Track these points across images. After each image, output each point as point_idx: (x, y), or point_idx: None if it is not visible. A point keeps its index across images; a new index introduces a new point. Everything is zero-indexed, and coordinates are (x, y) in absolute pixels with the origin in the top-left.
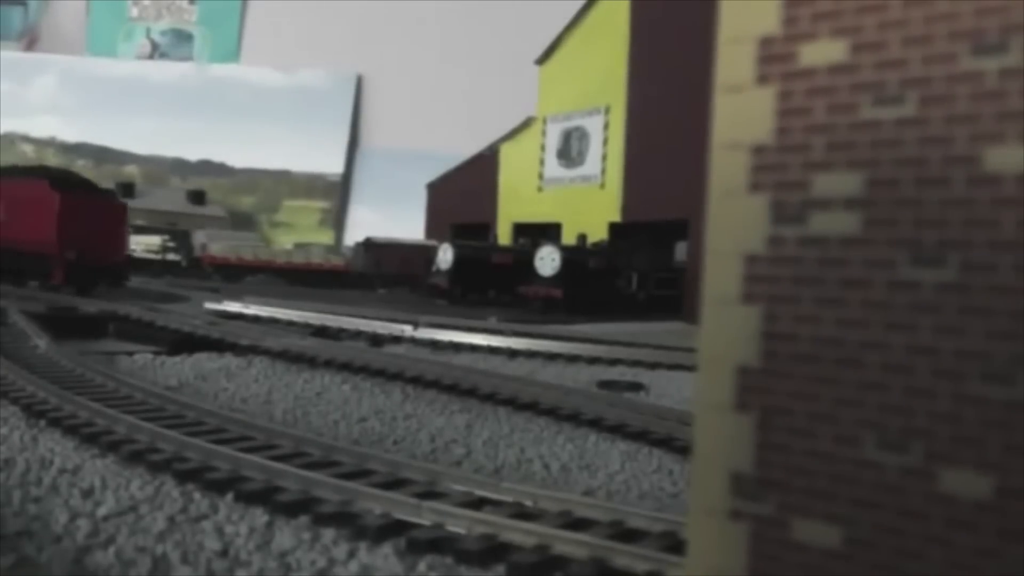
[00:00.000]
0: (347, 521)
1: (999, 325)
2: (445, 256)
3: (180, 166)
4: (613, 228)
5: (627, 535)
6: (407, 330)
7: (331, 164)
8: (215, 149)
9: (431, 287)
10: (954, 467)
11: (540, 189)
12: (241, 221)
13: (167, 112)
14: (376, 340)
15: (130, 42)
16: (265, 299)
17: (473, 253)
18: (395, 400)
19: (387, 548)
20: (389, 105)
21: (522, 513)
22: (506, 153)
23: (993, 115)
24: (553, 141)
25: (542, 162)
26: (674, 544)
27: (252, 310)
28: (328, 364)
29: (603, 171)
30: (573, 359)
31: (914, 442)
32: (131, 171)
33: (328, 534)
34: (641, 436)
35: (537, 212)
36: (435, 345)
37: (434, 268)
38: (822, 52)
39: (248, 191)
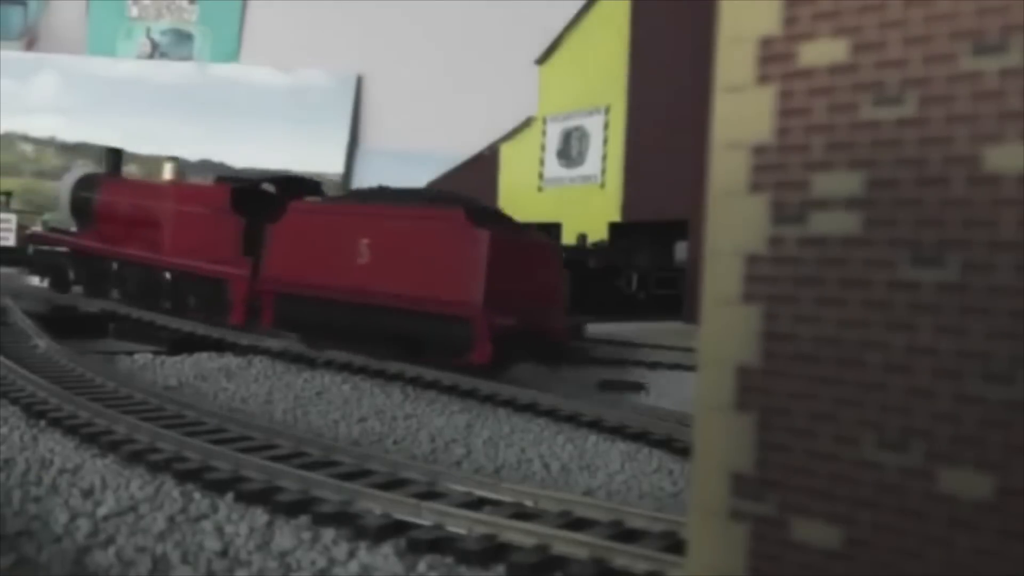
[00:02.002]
0: (347, 521)
1: (999, 325)
2: None
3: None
4: (613, 228)
5: (627, 535)
6: None
7: (331, 164)
8: (215, 149)
9: None
10: (954, 467)
11: (540, 189)
12: None
13: (167, 112)
14: None
15: (130, 42)
16: None
17: None
18: (395, 400)
19: (387, 548)
20: (389, 105)
21: (522, 513)
22: (506, 153)
23: (993, 115)
24: (553, 141)
25: (542, 162)
26: (674, 544)
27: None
28: (328, 364)
29: (603, 171)
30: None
31: (914, 442)
32: (131, 171)
33: (328, 534)
34: (641, 437)
35: (537, 212)
36: None
37: None
38: (822, 52)
39: None
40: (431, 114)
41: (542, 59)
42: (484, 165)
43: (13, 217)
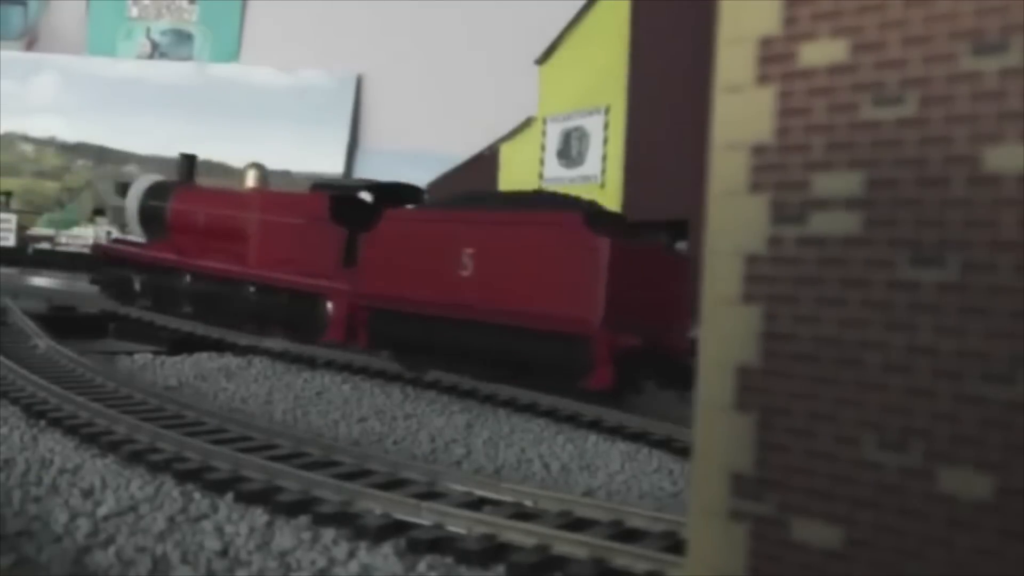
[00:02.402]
0: (347, 521)
1: (999, 325)
2: None
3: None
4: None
5: (627, 535)
6: None
7: (331, 164)
8: (215, 149)
9: None
10: (954, 467)
11: (540, 189)
12: None
13: (167, 112)
14: None
15: (130, 42)
16: None
17: None
18: (395, 400)
19: (387, 548)
20: (389, 105)
21: (522, 513)
22: (506, 153)
23: (993, 115)
24: (553, 141)
25: (542, 162)
26: (674, 544)
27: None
28: (328, 364)
29: (603, 171)
30: None
31: (914, 442)
32: (131, 171)
33: (328, 534)
34: (641, 437)
35: None
36: None
37: None
38: (822, 52)
39: None
40: (431, 114)
41: (542, 59)
42: (484, 165)
43: (13, 217)
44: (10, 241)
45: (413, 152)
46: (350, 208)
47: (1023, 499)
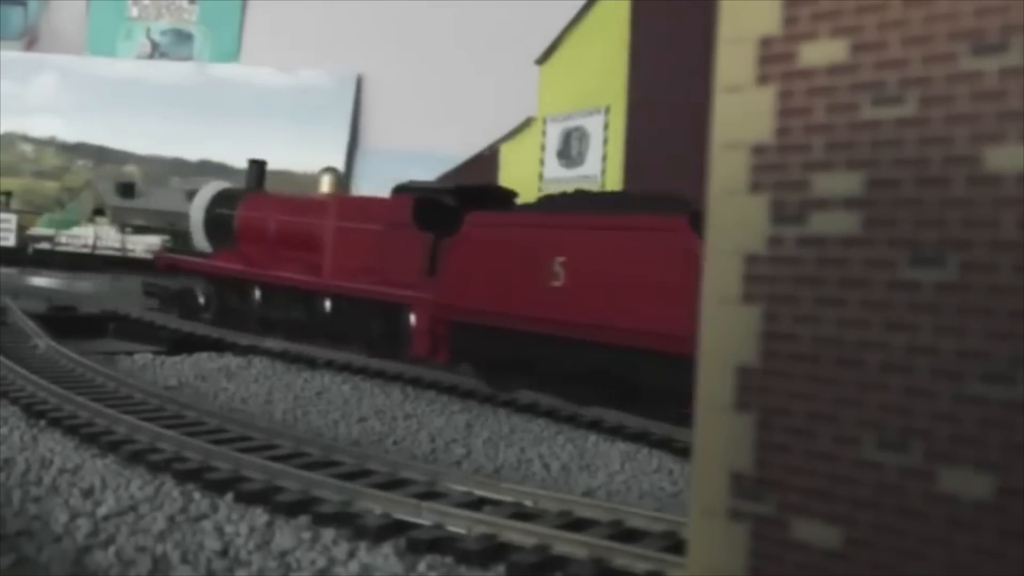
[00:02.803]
0: (347, 521)
1: (999, 325)
2: None
3: (180, 166)
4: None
5: (627, 535)
6: None
7: (331, 164)
8: (215, 149)
9: None
10: (954, 467)
11: (540, 189)
12: None
13: (167, 112)
14: None
15: (130, 42)
16: None
17: None
18: (395, 400)
19: (387, 548)
20: (389, 105)
21: (522, 513)
22: (506, 153)
23: (993, 115)
24: (553, 141)
25: (542, 162)
26: (674, 544)
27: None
28: (328, 364)
29: (603, 171)
30: None
31: (914, 442)
32: (131, 171)
33: (328, 534)
34: (641, 437)
35: None
36: None
37: None
38: (822, 52)
39: None
40: (431, 114)
41: (542, 59)
42: (484, 165)
43: (13, 217)
44: (10, 241)
45: (413, 152)
46: (433, 212)
47: (1023, 499)
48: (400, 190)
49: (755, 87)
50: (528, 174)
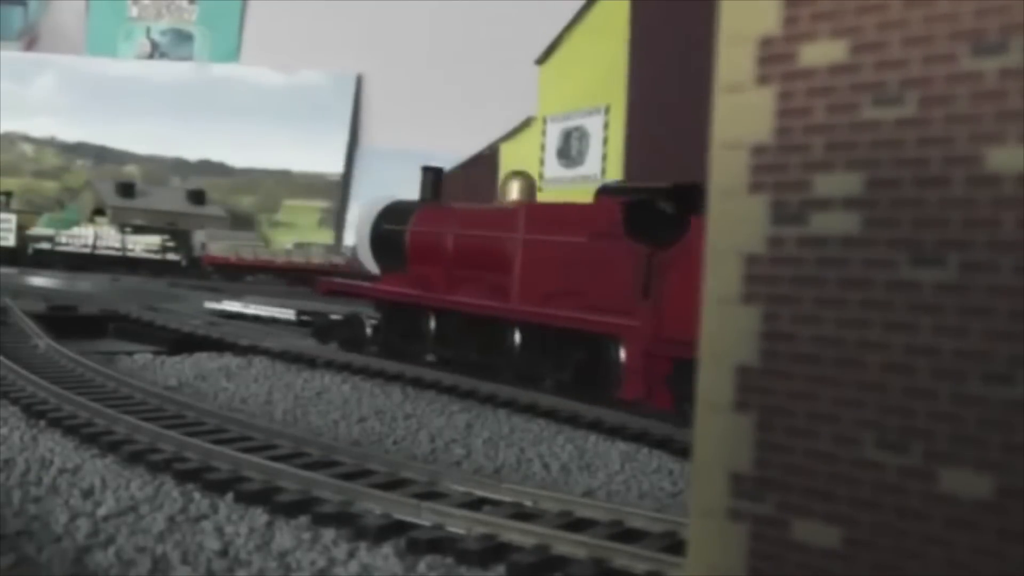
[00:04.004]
0: (347, 521)
1: (999, 325)
2: None
3: (180, 166)
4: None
5: (627, 535)
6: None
7: (331, 164)
8: (215, 149)
9: None
10: (954, 467)
11: (540, 189)
12: (241, 221)
13: (167, 112)
14: None
15: (130, 42)
16: (265, 299)
17: None
18: (395, 400)
19: (387, 548)
20: (389, 105)
21: (522, 513)
22: (506, 153)
23: (993, 115)
24: (553, 141)
25: (542, 162)
26: (674, 544)
27: (252, 310)
28: (328, 364)
29: (603, 171)
30: None
31: (914, 442)
32: (131, 171)
33: (328, 534)
34: (641, 437)
35: None
36: None
37: None
38: (822, 52)
39: (248, 191)
40: (431, 114)
41: (542, 59)
42: (484, 165)
43: (13, 217)
44: (10, 241)
45: (413, 152)
46: (648, 219)
47: (1023, 499)
48: (604, 192)
49: (755, 87)
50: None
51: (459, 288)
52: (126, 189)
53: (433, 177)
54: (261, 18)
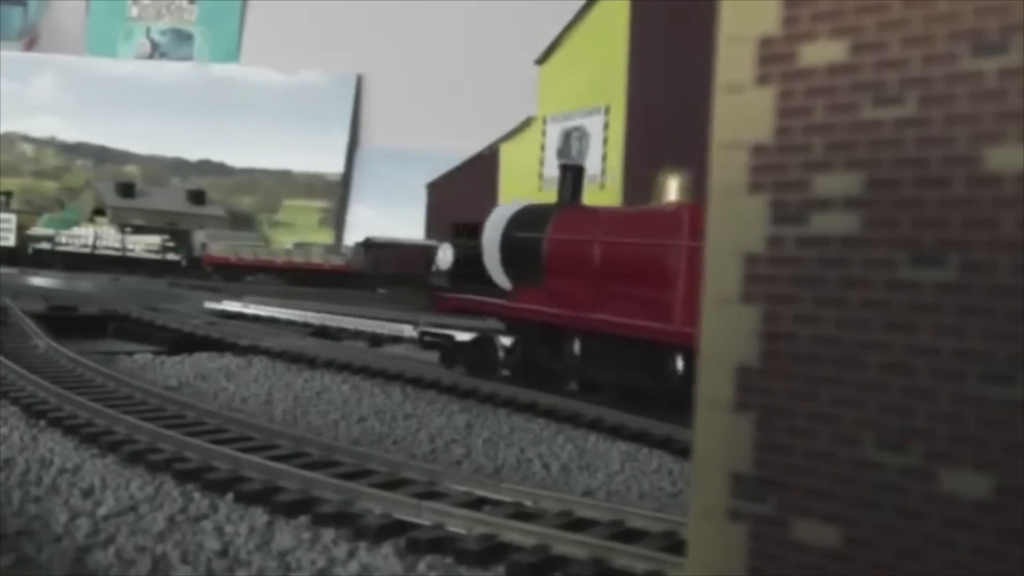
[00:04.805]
0: (347, 521)
1: (999, 325)
2: (445, 256)
3: (180, 166)
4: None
5: (627, 535)
6: (407, 330)
7: (331, 164)
8: (215, 149)
9: (431, 287)
10: (954, 467)
11: (540, 189)
12: (241, 221)
13: (167, 112)
14: (376, 340)
15: (130, 42)
16: (265, 299)
17: (474, 253)
18: (395, 400)
19: (387, 548)
20: (389, 105)
21: (522, 513)
22: (506, 153)
23: (993, 115)
24: (553, 141)
25: (542, 162)
26: (674, 544)
27: (252, 310)
28: (328, 364)
29: (603, 171)
30: None
31: (914, 442)
32: (131, 171)
33: (328, 534)
34: (641, 437)
35: None
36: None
37: (434, 268)
38: (822, 52)
39: (248, 191)
40: (431, 114)
41: (542, 59)
42: (484, 165)
43: (13, 217)
44: (10, 241)
45: (413, 152)
46: None
47: (1023, 499)
48: None
49: (755, 87)
50: (528, 174)
51: (608, 305)
52: (126, 189)
53: (573, 176)
54: (261, 18)
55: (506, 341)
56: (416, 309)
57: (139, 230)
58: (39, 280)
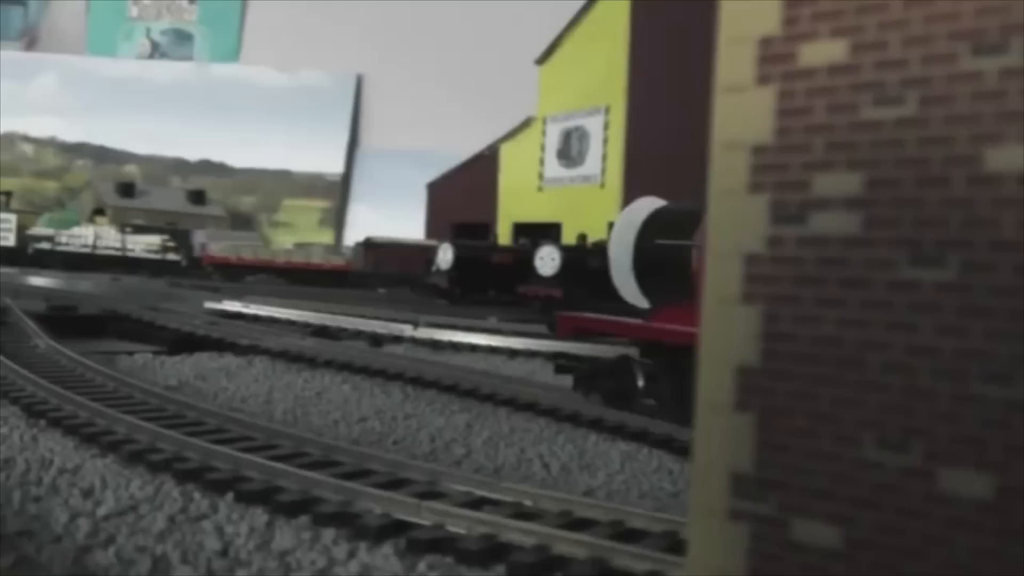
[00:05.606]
0: (347, 521)
1: (999, 325)
2: (445, 256)
3: (180, 166)
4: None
5: (627, 535)
6: (407, 330)
7: (331, 164)
8: (215, 149)
9: (431, 287)
10: (954, 467)
11: (540, 189)
12: (241, 221)
13: (167, 112)
14: (376, 340)
15: (130, 42)
16: (265, 299)
17: (473, 253)
18: (395, 400)
19: (387, 548)
20: (389, 105)
21: (522, 513)
22: (506, 153)
23: (993, 115)
24: (553, 141)
25: (542, 162)
26: (674, 544)
27: (252, 310)
28: (328, 364)
29: (603, 171)
30: None
31: (914, 442)
32: (131, 171)
33: (328, 534)
34: (641, 436)
35: (537, 212)
36: (435, 345)
37: (434, 268)
38: (822, 52)
39: (248, 191)
40: (431, 114)
41: (542, 59)
42: (484, 165)
43: (13, 217)
44: (10, 241)
45: (413, 152)
46: None
47: (1023, 499)
48: None
49: (755, 87)
50: (528, 174)
51: None
52: (126, 189)
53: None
54: (261, 18)
55: (646, 369)
56: (416, 309)
57: (139, 230)
58: (39, 280)
